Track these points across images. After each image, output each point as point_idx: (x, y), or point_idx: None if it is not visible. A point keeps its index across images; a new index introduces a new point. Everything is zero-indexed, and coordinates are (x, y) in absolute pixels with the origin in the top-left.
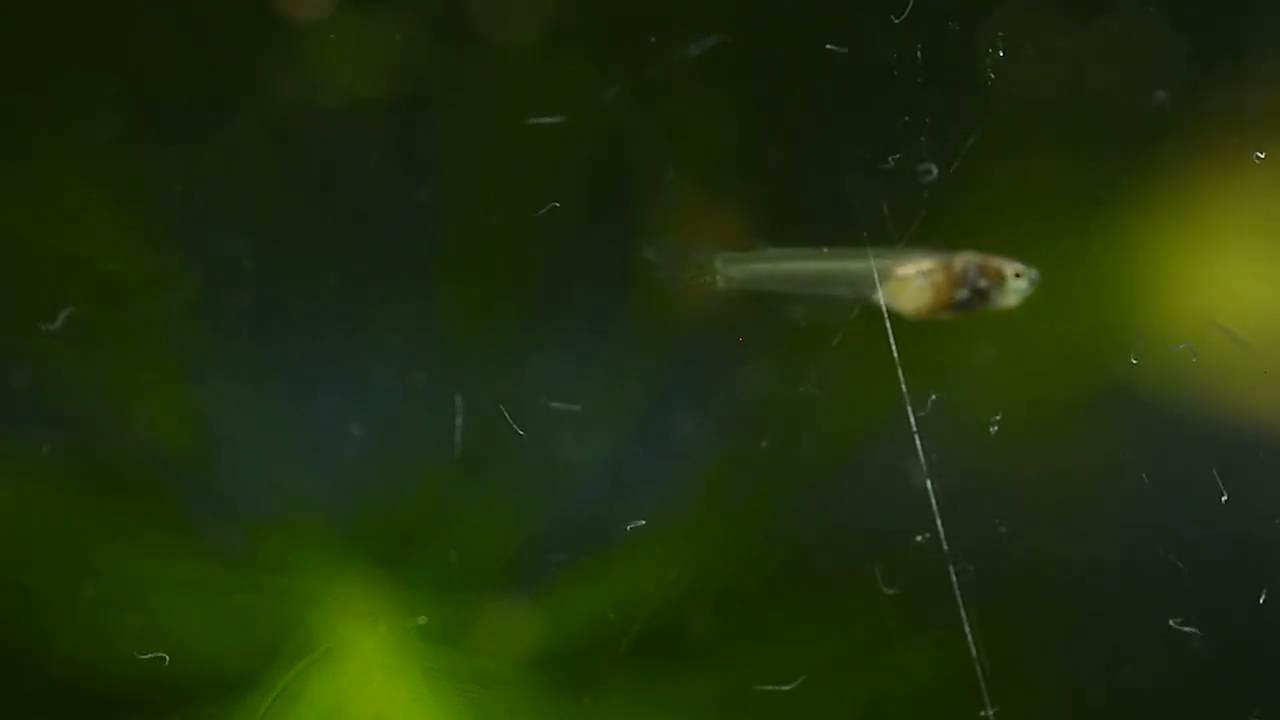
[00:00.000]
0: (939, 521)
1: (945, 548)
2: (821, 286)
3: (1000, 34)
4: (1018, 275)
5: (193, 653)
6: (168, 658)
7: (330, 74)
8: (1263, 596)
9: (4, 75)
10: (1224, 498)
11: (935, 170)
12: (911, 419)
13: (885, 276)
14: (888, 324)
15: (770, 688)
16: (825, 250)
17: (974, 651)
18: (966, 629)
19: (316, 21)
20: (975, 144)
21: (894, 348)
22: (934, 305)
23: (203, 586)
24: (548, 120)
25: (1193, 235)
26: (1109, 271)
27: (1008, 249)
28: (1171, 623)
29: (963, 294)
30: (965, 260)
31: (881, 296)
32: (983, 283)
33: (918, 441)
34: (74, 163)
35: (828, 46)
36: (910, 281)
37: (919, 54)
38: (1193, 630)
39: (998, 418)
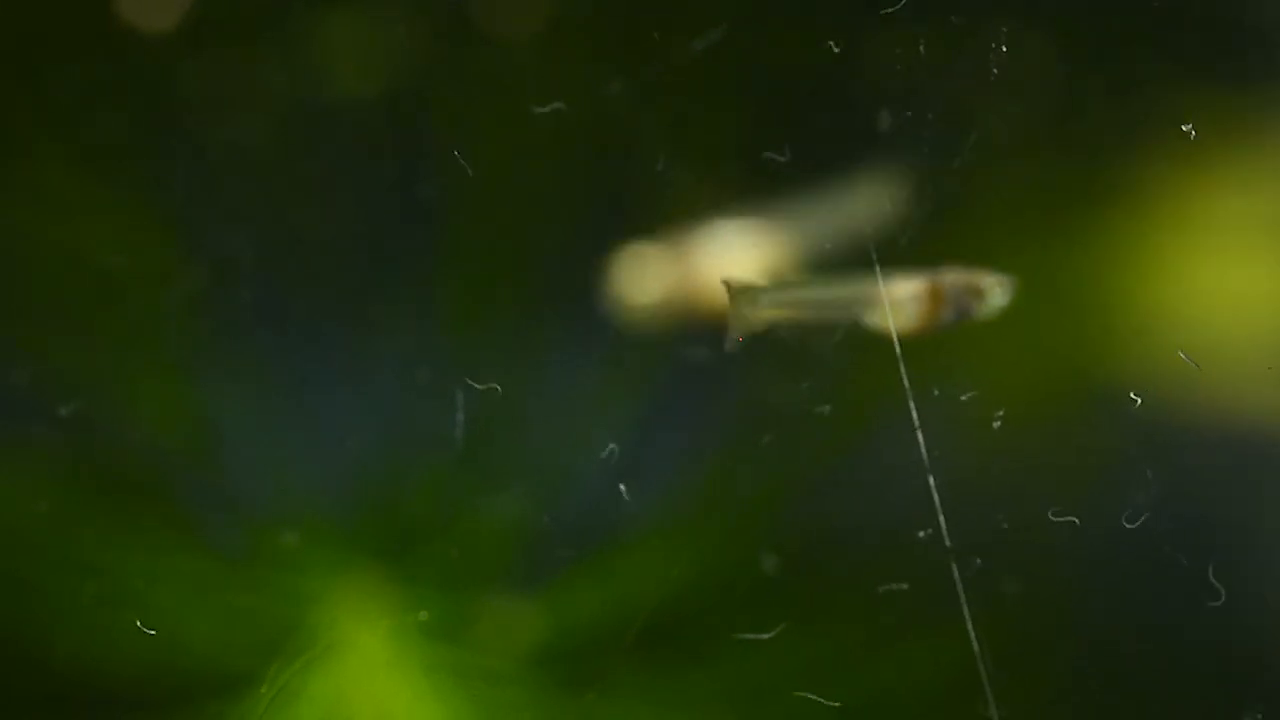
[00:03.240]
0: (941, 517)
1: (948, 543)
2: (817, 311)
3: (1004, 29)
4: (997, 288)
5: (194, 649)
6: (155, 631)
7: (331, 70)
8: (1266, 594)
9: (4, 75)
10: (1233, 491)
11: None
12: (914, 414)
13: (875, 301)
14: (890, 320)
15: (750, 635)
16: (818, 276)
17: (976, 647)
18: (969, 624)
19: (314, 17)
20: (978, 140)
21: (896, 343)
22: (921, 327)
23: (204, 583)
24: (550, 114)
25: (1198, 235)
26: (1114, 267)
27: (1011, 247)
28: (1175, 618)
29: (948, 314)
30: (951, 282)
31: (872, 320)
32: (969, 302)
33: (920, 437)
34: (74, 161)
35: (831, 42)
36: (902, 306)
37: (922, 49)
38: (1196, 626)
39: (1000, 413)
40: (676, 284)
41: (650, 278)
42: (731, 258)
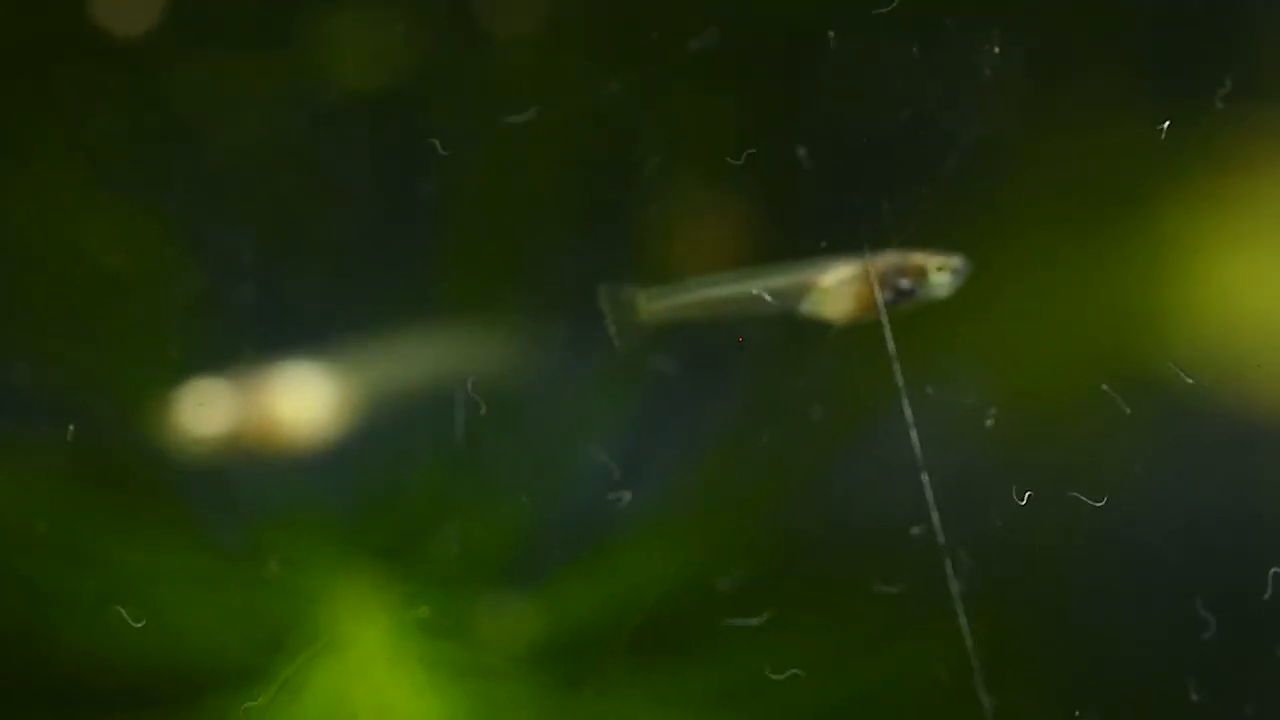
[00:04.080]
0: (934, 514)
1: (941, 540)
2: (746, 306)
3: (996, 30)
4: (940, 268)
5: (195, 646)
6: (155, 628)
7: (332, 69)
8: (1262, 591)
9: (4, 73)
10: (1222, 490)
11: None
12: (907, 412)
13: (809, 288)
14: (884, 317)
15: (745, 632)
16: (743, 270)
17: (969, 643)
18: (962, 621)
19: (314, 16)
20: (971, 141)
21: (890, 341)
22: (858, 311)
23: (204, 580)
24: (550, 114)
25: (1193, 236)
26: (1108, 267)
27: (1005, 248)
28: (1167, 614)
29: (886, 295)
30: (886, 262)
31: (806, 310)
32: (905, 282)
33: (913, 434)
34: (75, 160)
35: (828, 37)
36: (833, 291)
37: (915, 50)
38: (1189, 622)
39: (993, 411)
40: (243, 419)
41: (216, 412)
42: (300, 394)
